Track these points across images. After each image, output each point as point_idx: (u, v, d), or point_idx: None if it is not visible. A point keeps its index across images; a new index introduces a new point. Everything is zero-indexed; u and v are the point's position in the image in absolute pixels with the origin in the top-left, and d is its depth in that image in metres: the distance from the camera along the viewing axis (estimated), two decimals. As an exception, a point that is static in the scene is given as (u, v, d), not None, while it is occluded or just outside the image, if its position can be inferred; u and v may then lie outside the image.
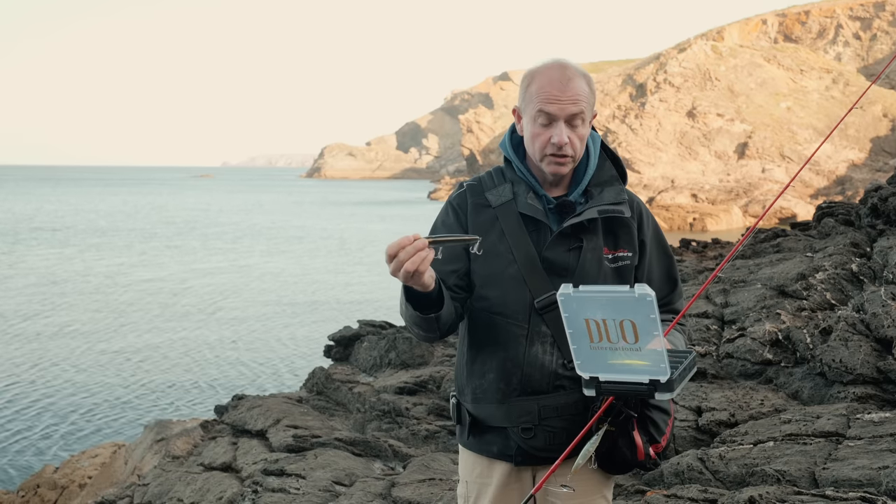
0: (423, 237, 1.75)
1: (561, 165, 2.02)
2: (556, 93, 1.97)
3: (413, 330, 2.01)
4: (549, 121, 1.99)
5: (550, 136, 1.99)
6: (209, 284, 26.50)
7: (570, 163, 2.03)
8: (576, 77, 1.99)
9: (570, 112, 1.98)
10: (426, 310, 1.91)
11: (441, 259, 2.07)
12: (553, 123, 1.99)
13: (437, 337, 2.02)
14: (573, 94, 1.97)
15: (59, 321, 20.08)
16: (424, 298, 1.88)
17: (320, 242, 41.25)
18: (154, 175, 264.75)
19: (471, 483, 2.17)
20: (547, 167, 2.04)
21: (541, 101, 1.98)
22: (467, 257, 2.08)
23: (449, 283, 2.05)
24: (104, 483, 8.00)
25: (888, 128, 55.09)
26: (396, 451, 5.65)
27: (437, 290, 1.89)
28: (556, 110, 1.97)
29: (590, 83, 2.03)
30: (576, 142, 2.01)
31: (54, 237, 42.45)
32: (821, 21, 74.75)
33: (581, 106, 1.98)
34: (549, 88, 1.98)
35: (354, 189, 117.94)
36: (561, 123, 1.98)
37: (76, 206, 73.77)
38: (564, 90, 1.97)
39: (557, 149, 1.99)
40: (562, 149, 1.99)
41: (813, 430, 4.03)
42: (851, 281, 6.18)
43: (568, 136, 1.99)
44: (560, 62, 2.02)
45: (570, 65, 2.02)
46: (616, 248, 2.06)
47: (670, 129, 56.64)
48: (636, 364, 1.67)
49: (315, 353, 15.03)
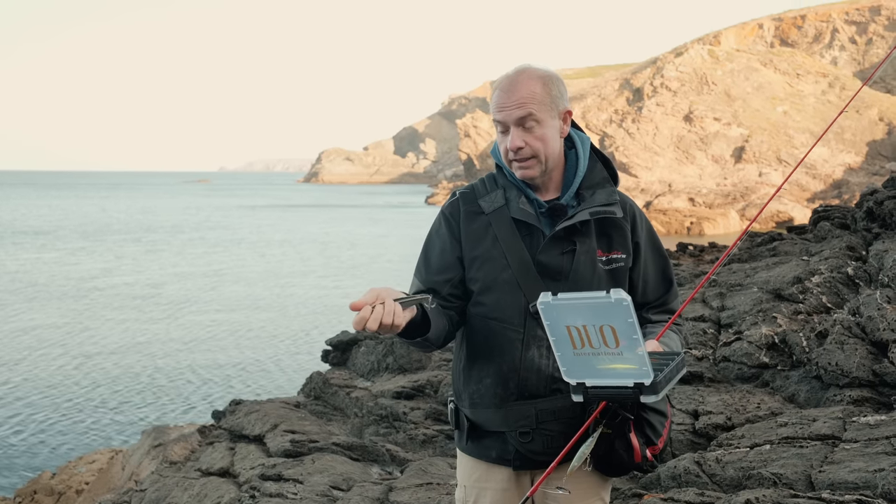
0: (381, 299, 1.76)
1: (526, 168, 2.04)
2: (503, 100, 2.01)
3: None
4: (504, 128, 2.03)
5: (507, 143, 2.03)
6: (206, 289, 26.47)
7: (536, 164, 2.04)
8: (524, 81, 2.01)
9: (516, 116, 2.00)
10: (413, 335, 1.95)
11: (434, 269, 2.10)
12: (507, 130, 2.03)
13: (434, 349, 2.08)
14: (517, 98, 1.99)
15: (53, 327, 20.03)
16: (408, 327, 1.90)
17: (318, 247, 41.22)
18: (151, 180, 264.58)
19: (469, 487, 2.17)
20: (516, 172, 2.07)
21: (493, 111, 2.04)
22: (461, 265, 2.10)
23: (443, 293, 2.08)
24: (101, 489, 7.99)
25: (884, 131, 55.21)
26: (394, 455, 5.65)
27: (421, 316, 1.92)
28: (504, 117, 2.01)
29: (547, 84, 2.02)
30: (534, 143, 2.01)
31: (37, 240, 42.42)
32: (817, 25, 74.98)
33: (529, 108, 1.99)
34: (497, 97, 2.03)
35: (352, 194, 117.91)
36: (512, 129, 2.01)
37: (76, 209, 73.72)
38: (510, 96, 2.00)
39: (514, 153, 2.02)
40: (518, 152, 2.02)
41: (809, 434, 4.04)
42: (847, 284, 6.20)
43: (523, 138, 2.00)
44: (515, 69, 2.05)
45: (525, 69, 2.04)
46: (610, 251, 2.07)
47: (667, 134, 56.72)
48: (620, 368, 1.68)
49: (313, 357, 15.01)
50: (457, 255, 2.10)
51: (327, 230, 51.97)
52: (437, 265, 2.10)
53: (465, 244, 2.10)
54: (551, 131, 2.03)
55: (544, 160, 2.04)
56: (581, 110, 58.89)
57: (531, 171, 2.04)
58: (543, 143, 2.02)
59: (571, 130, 2.14)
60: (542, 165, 2.04)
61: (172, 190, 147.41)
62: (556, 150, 2.07)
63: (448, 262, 2.09)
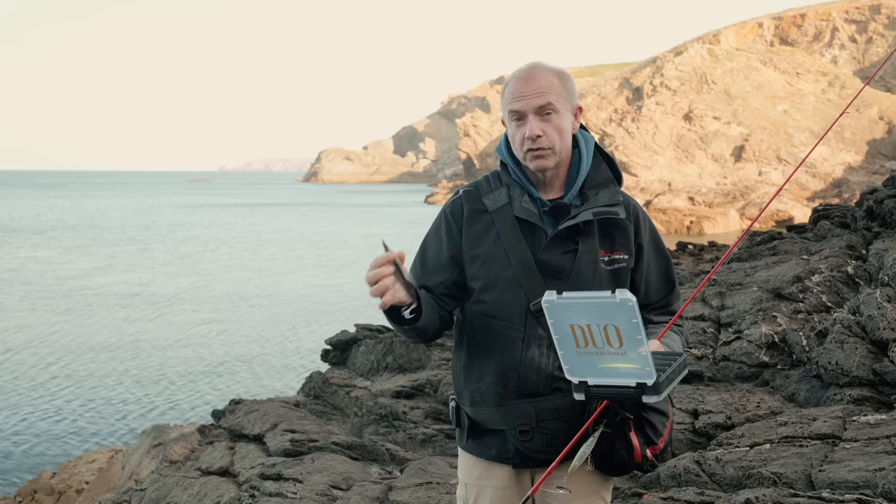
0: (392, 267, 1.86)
1: (542, 158, 2.03)
2: (521, 89, 2.01)
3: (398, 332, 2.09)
4: (520, 117, 2.02)
5: (524, 132, 2.02)
6: (206, 289, 26.47)
7: (552, 155, 2.03)
8: (542, 73, 2.02)
9: (536, 105, 1.99)
10: (403, 322, 1.96)
11: (428, 270, 2.11)
12: (524, 119, 2.02)
13: (420, 341, 2.10)
14: (537, 87, 1.99)
15: (53, 325, 20.04)
16: (398, 312, 1.94)
17: (318, 246, 41.22)
18: (151, 179, 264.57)
19: (470, 485, 2.17)
20: (530, 164, 2.05)
21: (510, 102, 2.03)
22: (456, 267, 2.10)
23: (436, 293, 2.09)
24: (101, 488, 7.98)
25: (884, 130, 55.22)
26: (394, 454, 5.65)
27: (416, 304, 1.94)
28: (523, 105, 2.01)
29: (563, 79, 2.04)
30: (551, 133, 2.01)
31: (32, 239, 42.43)
32: (817, 24, 74.97)
33: (548, 97, 1.99)
34: (515, 87, 2.03)
35: (351, 193, 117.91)
36: (531, 117, 2.00)
37: (77, 208, 73.72)
38: (528, 85, 2.00)
39: (532, 142, 2.01)
40: (536, 141, 2.01)
41: (809, 433, 4.04)
42: (847, 283, 6.19)
43: (541, 127, 2.00)
44: (530, 63, 2.06)
45: (540, 64, 2.05)
46: (612, 251, 2.06)
47: (667, 133, 56.72)
48: (623, 368, 1.68)
49: (312, 357, 15.02)
50: (452, 256, 2.10)
51: (326, 229, 51.96)
52: (432, 266, 2.12)
53: (466, 242, 2.09)
54: (567, 124, 2.04)
55: (559, 151, 2.04)
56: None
57: (547, 161, 2.03)
58: (560, 135, 2.02)
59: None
60: (557, 157, 2.04)
61: (174, 189, 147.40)
62: (569, 145, 2.07)
63: (443, 263, 2.10)
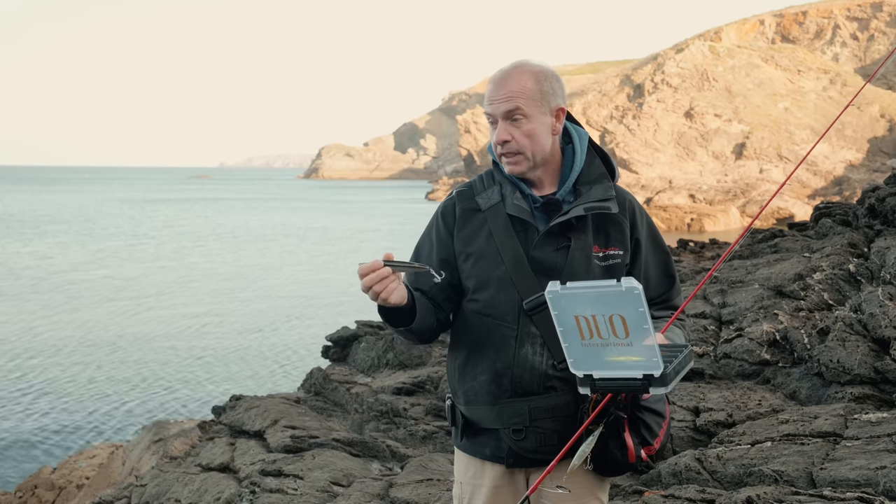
0: (383, 262, 1.84)
1: (513, 164, 2.03)
2: (493, 93, 2.01)
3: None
4: (493, 121, 2.03)
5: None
6: (207, 285, 26.48)
7: (524, 160, 2.02)
8: (517, 76, 2.00)
9: (503, 110, 1.99)
10: (398, 322, 1.97)
11: (423, 273, 2.10)
12: (496, 123, 2.02)
13: (417, 342, 2.10)
14: (507, 92, 1.98)
15: (55, 321, 20.05)
16: (395, 312, 1.95)
17: (318, 242, 41.24)
18: (151, 175, 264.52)
19: (465, 484, 2.17)
20: (504, 167, 2.06)
21: (485, 104, 2.04)
22: (447, 268, 2.09)
23: (430, 296, 2.09)
24: (102, 484, 7.99)
25: (885, 128, 55.17)
26: (394, 451, 5.65)
27: (410, 305, 1.95)
28: (492, 110, 2.01)
29: (540, 80, 2.00)
30: (520, 138, 2.00)
31: (34, 233, 42.45)
32: (818, 22, 74.82)
33: (516, 102, 1.97)
34: (489, 90, 2.03)
35: (352, 189, 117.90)
36: (500, 122, 2.00)
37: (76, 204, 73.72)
38: (499, 89, 2.00)
39: (501, 146, 2.01)
40: (504, 146, 2.01)
41: (810, 431, 4.03)
42: (849, 281, 6.19)
43: (509, 132, 2.00)
44: (511, 63, 2.05)
45: (521, 64, 2.03)
46: (607, 247, 2.04)
47: (668, 130, 56.68)
48: (629, 360, 1.65)
49: (313, 353, 15.02)
50: (442, 259, 2.10)
51: (326, 225, 51.97)
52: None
53: (459, 242, 2.09)
54: (541, 127, 2.01)
55: (531, 156, 2.02)
56: (581, 106, 58.84)
57: (518, 167, 2.03)
58: (530, 140, 2.00)
59: (570, 125, 2.12)
60: (530, 162, 2.03)
61: (175, 185, 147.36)
62: (546, 147, 2.04)
63: (434, 266, 2.09)
